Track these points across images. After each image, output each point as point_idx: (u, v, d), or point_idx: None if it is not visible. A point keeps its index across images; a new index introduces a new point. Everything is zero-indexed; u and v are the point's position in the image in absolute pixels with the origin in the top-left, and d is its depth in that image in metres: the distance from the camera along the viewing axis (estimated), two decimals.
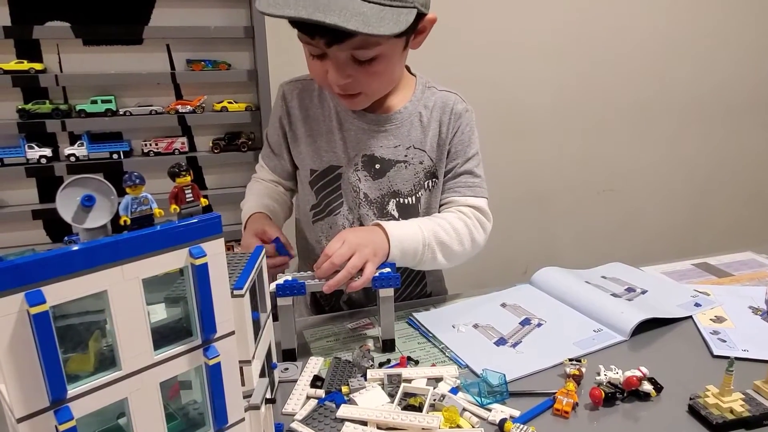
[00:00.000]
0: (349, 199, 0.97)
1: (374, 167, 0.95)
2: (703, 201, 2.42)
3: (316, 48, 0.81)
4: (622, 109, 2.18)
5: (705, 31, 2.19)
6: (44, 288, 0.37)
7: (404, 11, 0.76)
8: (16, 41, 1.45)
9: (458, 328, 0.86)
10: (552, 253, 2.23)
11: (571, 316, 0.90)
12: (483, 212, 0.97)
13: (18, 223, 1.54)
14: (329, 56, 0.82)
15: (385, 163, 0.95)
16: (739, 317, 0.87)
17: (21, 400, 0.38)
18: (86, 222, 0.42)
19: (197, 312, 0.47)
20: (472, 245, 0.94)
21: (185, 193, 0.46)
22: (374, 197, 0.96)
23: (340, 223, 0.98)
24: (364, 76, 0.84)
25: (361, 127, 0.94)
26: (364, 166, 0.95)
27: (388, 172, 0.95)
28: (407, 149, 0.95)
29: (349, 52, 0.80)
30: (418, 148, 0.95)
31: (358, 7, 0.73)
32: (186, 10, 1.54)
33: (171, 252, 0.43)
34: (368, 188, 0.96)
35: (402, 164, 0.95)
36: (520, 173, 2.11)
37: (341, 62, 0.81)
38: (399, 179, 0.96)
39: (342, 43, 0.77)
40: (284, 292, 0.77)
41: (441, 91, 0.98)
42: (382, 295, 0.79)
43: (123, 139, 1.57)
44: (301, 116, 0.98)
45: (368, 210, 0.97)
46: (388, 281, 0.78)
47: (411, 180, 0.96)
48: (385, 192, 0.96)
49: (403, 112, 0.95)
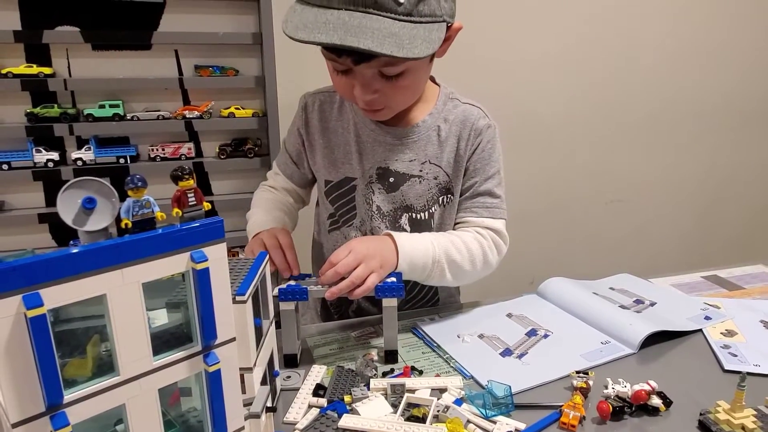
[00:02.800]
0: (362, 212, 0.96)
1: (388, 180, 0.94)
2: (714, 212, 2.40)
3: (341, 65, 0.80)
4: (632, 119, 2.17)
5: (715, 41, 2.18)
6: (42, 291, 0.36)
7: (435, 27, 0.75)
8: (26, 45, 1.46)
9: (463, 339, 0.85)
10: (560, 263, 2.21)
11: (579, 327, 0.88)
12: (500, 234, 0.94)
13: (24, 227, 1.54)
14: (355, 72, 0.80)
15: (399, 177, 0.94)
16: (750, 331, 0.85)
17: (16, 404, 0.37)
18: (87, 224, 0.41)
19: (198, 317, 0.46)
20: (483, 266, 0.91)
21: (188, 196, 0.46)
22: (387, 210, 0.95)
23: (353, 235, 0.97)
24: (390, 91, 0.83)
25: (378, 140, 0.93)
26: (378, 179, 0.94)
27: (402, 186, 0.94)
28: (422, 164, 0.93)
29: (375, 70, 0.79)
30: (433, 163, 0.93)
31: (389, 27, 0.71)
32: (195, 16, 1.55)
33: (172, 256, 0.42)
34: (381, 201, 0.95)
35: (416, 179, 0.94)
36: (528, 183, 2.10)
37: (368, 78, 0.80)
38: (412, 194, 0.94)
39: (370, 62, 0.76)
40: (287, 297, 0.76)
41: (464, 104, 0.95)
42: (385, 305, 0.78)
43: (130, 143, 1.58)
44: (320, 127, 0.97)
45: (380, 223, 0.95)
46: (392, 291, 0.77)
47: (424, 195, 0.94)
48: (398, 206, 0.95)
49: (421, 125, 0.93)
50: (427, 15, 0.75)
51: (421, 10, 0.74)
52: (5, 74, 1.42)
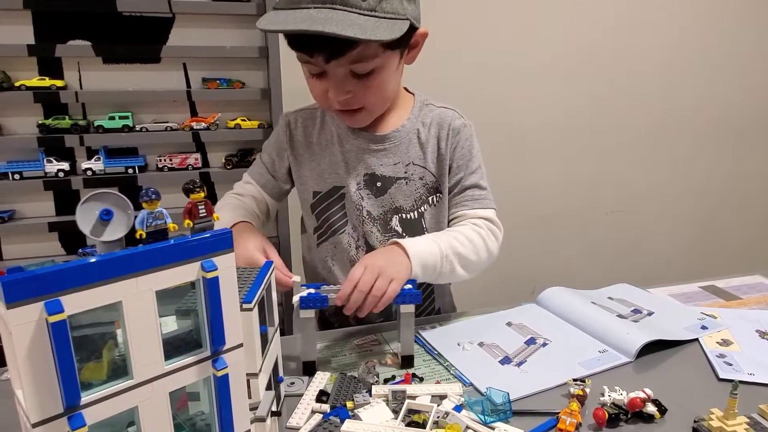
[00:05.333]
0: (353, 218, 1.00)
1: (375, 185, 0.98)
2: (713, 223, 2.41)
3: (315, 66, 0.85)
4: (631, 129, 2.19)
5: (715, 53, 2.20)
6: (62, 298, 0.39)
7: (398, 22, 0.81)
8: (39, 59, 1.50)
9: (463, 346, 0.87)
10: (561, 273, 2.22)
11: (577, 336, 0.90)
12: (494, 222, 0.99)
13: (34, 235, 1.57)
14: (328, 74, 0.85)
15: (386, 181, 0.98)
16: (745, 341, 0.87)
17: (36, 405, 0.39)
18: (104, 235, 0.43)
19: (207, 324, 0.48)
20: (487, 255, 0.96)
21: (198, 208, 0.48)
22: (377, 214, 0.99)
23: (345, 242, 1.01)
24: (363, 90, 0.87)
25: (361, 147, 0.98)
26: (366, 185, 0.98)
27: (389, 189, 0.98)
28: (407, 166, 0.98)
29: (348, 67, 0.84)
30: (417, 164, 0.98)
31: (355, 19, 0.77)
32: (203, 31, 1.58)
33: (184, 265, 0.45)
34: (371, 206, 0.99)
35: (402, 180, 0.98)
36: (529, 193, 2.12)
37: (340, 78, 0.85)
38: (400, 195, 0.99)
39: (341, 57, 0.81)
40: (307, 305, 0.78)
41: (438, 107, 1.01)
42: (403, 311, 0.80)
43: (138, 154, 1.61)
44: (304, 142, 1.02)
45: (372, 227, 0.99)
46: (410, 297, 0.79)
47: (412, 195, 0.99)
48: (388, 209, 0.99)
49: (401, 130, 0.98)
50: (390, 12, 0.81)
51: (384, 8, 0.80)
52: (18, 87, 1.46)
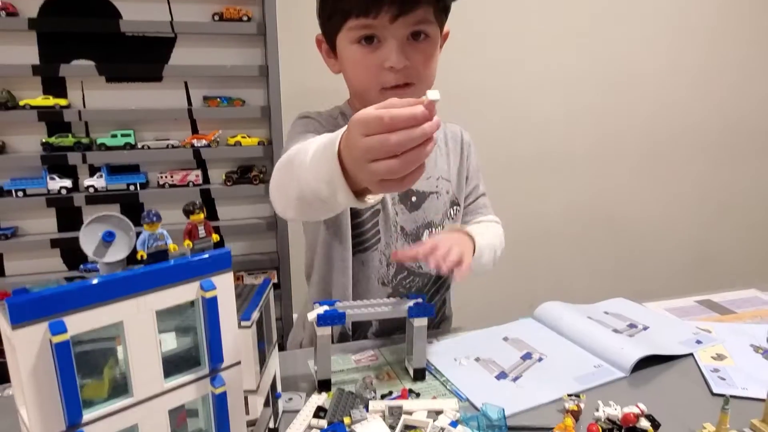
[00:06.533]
0: (387, 235, 0.99)
1: (410, 200, 0.99)
2: (710, 237, 2.42)
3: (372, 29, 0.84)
4: (629, 144, 2.21)
5: (714, 69, 2.23)
6: (66, 318, 0.40)
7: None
8: (44, 78, 1.53)
9: (460, 362, 0.88)
10: (558, 286, 2.23)
11: (572, 351, 0.91)
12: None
13: (37, 251, 1.59)
14: (387, 40, 0.85)
15: (420, 195, 1.00)
16: (740, 355, 0.87)
17: (39, 422, 0.40)
18: (106, 256, 0.45)
19: (206, 342, 0.49)
20: (503, 245, 1.04)
21: (198, 229, 0.50)
22: (410, 230, 1.00)
23: (377, 259, 1.00)
24: (418, 60, 0.86)
25: None
26: (401, 200, 0.99)
27: (423, 204, 1.00)
28: (437, 180, 1.01)
29: (411, 28, 0.84)
30: (444, 178, 1.02)
31: None
32: (204, 50, 1.62)
33: (183, 285, 0.46)
34: (404, 221, 0.99)
35: (434, 195, 1.01)
36: (528, 206, 2.14)
37: (401, 41, 0.85)
38: (432, 210, 1.01)
39: (410, 14, 0.82)
40: (325, 322, 0.77)
41: (447, 123, 1.06)
42: (416, 324, 0.81)
43: (140, 171, 1.63)
44: None
45: (404, 243, 1.00)
46: (423, 310, 0.80)
47: (441, 210, 1.02)
48: (420, 224, 1.00)
49: None
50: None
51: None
52: (23, 106, 1.48)
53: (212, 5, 1.58)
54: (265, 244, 1.74)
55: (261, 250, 1.74)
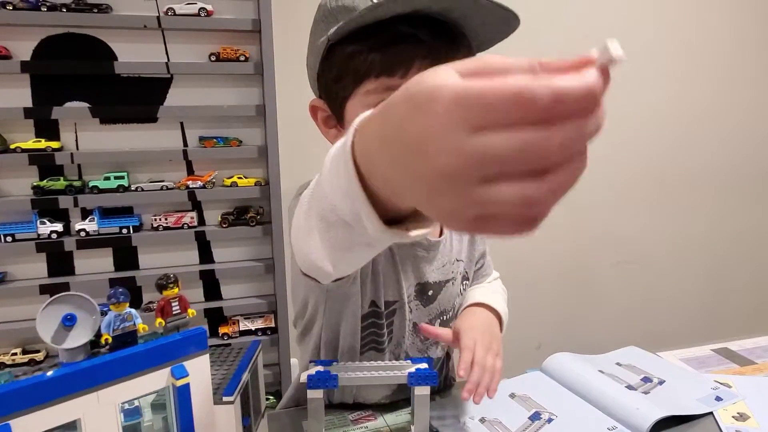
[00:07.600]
0: (399, 334, 0.87)
1: (427, 294, 0.87)
2: (724, 278, 2.35)
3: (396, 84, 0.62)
4: (638, 184, 2.17)
5: (722, 102, 2.21)
6: (13, 421, 0.35)
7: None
8: (36, 121, 1.51)
9: (464, 423, 0.82)
10: (567, 328, 2.16)
11: (584, 410, 0.85)
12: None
13: (25, 297, 1.54)
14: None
15: (436, 287, 0.88)
16: (763, 414, 0.81)
17: None
18: (66, 342, 0.40)
19: (177, 427, 0.44)
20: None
21: (172, 305, 0.45)
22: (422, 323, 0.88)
23: (386, 358, 0.87)
24: None
25: (413, 254, 0.85)
26: (416, 296, 0.87)
27: (439, 296, 0.88)
28: (453, 264, 0.89)
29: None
30: (458, 259, 0.91)
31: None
32: (200, 90, 1.60)
33: (152, 373, 0.41)
34: (417, 317, 0.88)
35: (450, 282, 0.89)
36: (534, 246, 2.09)
37: None
38: (446, 299, 0.90)
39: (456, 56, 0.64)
40: (316, 385, 0.72)
41: None
42: (417, 393, 0.75)
43: (134, 213, 1.60)
44: None
45: (415, 339, 0.89)
46: (425, 379, 0.74)
47: (455, 294, 0.91)
48: (434, 316, 0.90)
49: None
50: None
51: None
52: (14, 149, 1.46)
53: (209, 45, 1.57)
54: (262, 287, 1.69)
55: (258, 293, 1.69)
